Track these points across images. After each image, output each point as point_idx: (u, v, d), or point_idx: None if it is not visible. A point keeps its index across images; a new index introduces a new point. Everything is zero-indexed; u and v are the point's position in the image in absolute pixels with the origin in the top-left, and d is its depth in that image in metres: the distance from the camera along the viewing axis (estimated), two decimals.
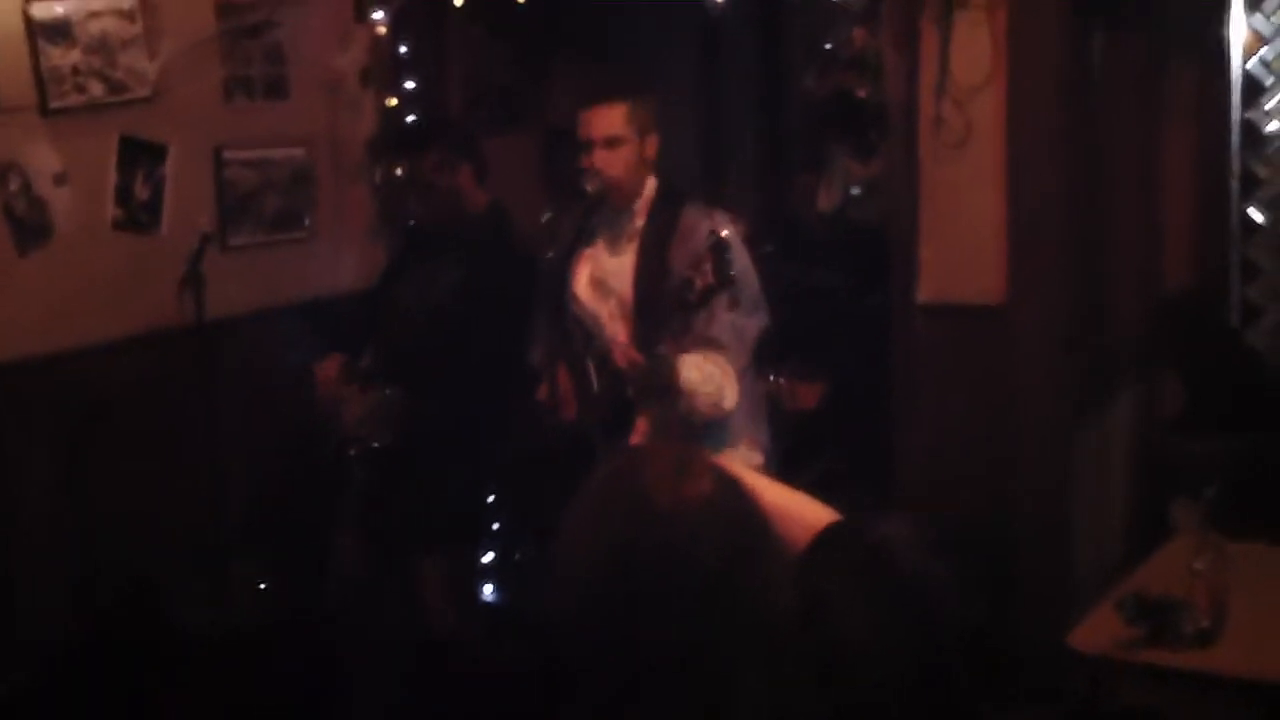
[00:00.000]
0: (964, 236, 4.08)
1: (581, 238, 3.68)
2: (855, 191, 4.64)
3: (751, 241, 3.76)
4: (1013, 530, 4.02)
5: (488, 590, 4.32)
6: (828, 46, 5.10)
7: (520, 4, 4.76)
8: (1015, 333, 4.03)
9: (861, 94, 4.91)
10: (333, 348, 4.23)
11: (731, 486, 1.56)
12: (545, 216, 3.68)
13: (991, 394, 4.06)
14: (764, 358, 3.77)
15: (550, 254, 3.69)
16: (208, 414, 4.13)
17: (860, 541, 1.76)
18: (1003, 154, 4.01)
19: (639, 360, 3.26)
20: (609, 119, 3.52)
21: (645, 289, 3.48)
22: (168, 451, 4.32)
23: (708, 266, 3.09)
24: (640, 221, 3.58)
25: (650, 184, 3.62)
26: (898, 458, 4.25)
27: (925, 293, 4.15)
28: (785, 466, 3.65)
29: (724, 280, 3.10)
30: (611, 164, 3.51)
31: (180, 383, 4.20)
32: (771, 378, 4.03)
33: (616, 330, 3.56)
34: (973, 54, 3.98)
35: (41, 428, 4.15)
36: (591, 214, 3.67)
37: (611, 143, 3.50)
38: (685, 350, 3.30)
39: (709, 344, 3.35)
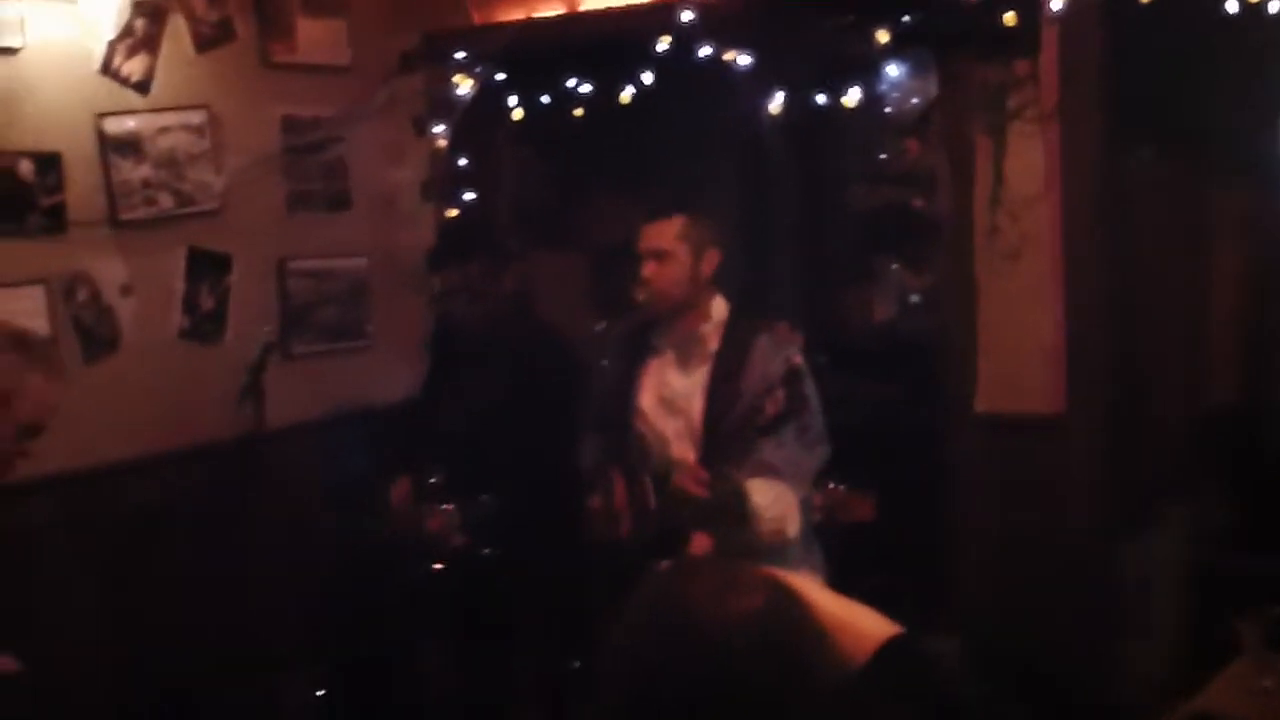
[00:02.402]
0: (1020, 347, 4.06)
1: (645, 352, 3.68)
2: (915, 300, 4.59)
3: (805, 353, 3.70)
4: (1066, 647, 3.96)
5: None
6: (882, 157, 5.09)
7: (576, 117, 4.80)
8: (1071, 444, 3.98)
9: (916, 205, 4.89)
10: (390, 457, 4.25)
11: (785, 601, 1.53)
12: (599, 326, 3.79)
13: (1047, 506, 4.00)
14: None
15: (605, 362, 3.73)
16: (263, 524, 4.17)
17: (919, 660, 1.73)
18: (1059, 265, 3.98)
19: (708, 482, 3.24)
20: (661, 233, 3.55)
21: (715, 412, 3.46)
22: (224, 561, 4.31)
23: (780, 394, 3.10)
24: (712, 344, 3.58)
25: (720, 305, 3.62)
26: (950, 572, 4.20)
27: (982, 404, 4.12)
28: (836, 583, 3.51)
29: (795, 409, 3.11)
30: (659, 276, 3.54)
31: (239, 491, 4.22)
32: (830, 485, 3.88)
33: (683, 450, 3.55)
34: (1027, 165, 3.98)
35: (102, 537, 4.15)
36: (654, 330, 3.68)
37: (660, 256, 3.53)
38: (749, 475, 3.30)
39: (772, 471, 3.34)
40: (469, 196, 4.95)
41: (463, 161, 4.99)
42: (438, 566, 4.06)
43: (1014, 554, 4.04)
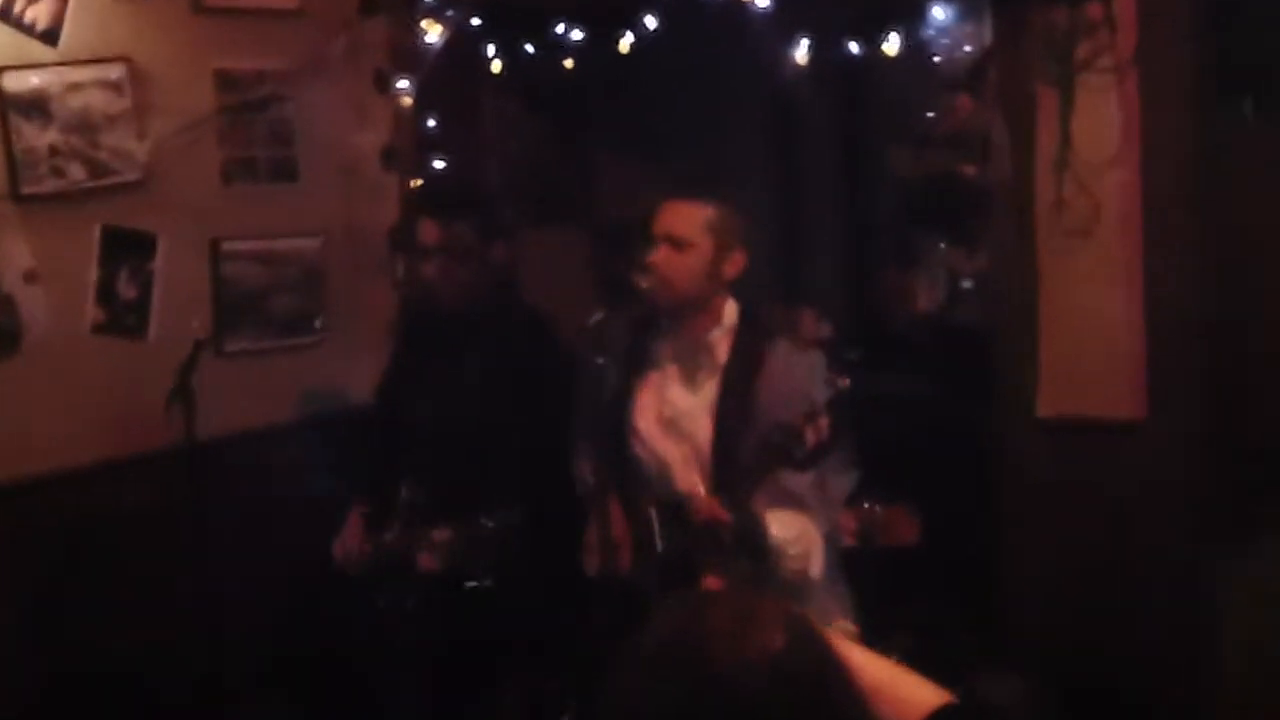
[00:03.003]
0: (1091, 340, 3.85)
1: (643, 360, 3.44)
2: (967, 285, 4.36)
3: (835, 348, 3.68)
4: (1151, 685, 3.75)
5: None
6: (929, 116, 4.86)
7: (566, 70, 4.69)
8: (1153, 452, 3.77)
9: (967, 173, 4.75)
10: (347, 473, 4.05)
11: (810, 643, 1.49)
12: (595, 318, 3.46)
13: (1123, 523, 3.81)
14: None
15: (600, 360, 3.44)
16: (200, 549, 3.91)
17: None
18: (1137, 243, 3.76)
19: (727, 521, 3.05)
20: (685, 217, 3.31)
21: (727, 434, 3.25)
22: (156, 592, 4.11)
23: (824, 422, 2.88)
24: (721, 354, 3.34)
25: (730, 309, 3.38)
26: (1009, 602, 4.03)
27: (1045, 407, 3.91)
28: (873, 616, 3.48)
29: (841, 441, 2.94)
30: (672, 266, 3.30)
31: (170, 513, 3.98)
32: (865, 505, 3.90)
33: (690, 479, 3.32)
34: (1099, 124, 3.75)
35: (10, 565, 3.99)
36: (654, 331, 3.44)
37: (679, 243, 3.29)
38: (767, 505, 3.12)
39: (795, 500, 3.17)
40: (440, 163, 4.80)
41: (432, 122, 4.82)
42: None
43: (1083, 580, 3.88)
